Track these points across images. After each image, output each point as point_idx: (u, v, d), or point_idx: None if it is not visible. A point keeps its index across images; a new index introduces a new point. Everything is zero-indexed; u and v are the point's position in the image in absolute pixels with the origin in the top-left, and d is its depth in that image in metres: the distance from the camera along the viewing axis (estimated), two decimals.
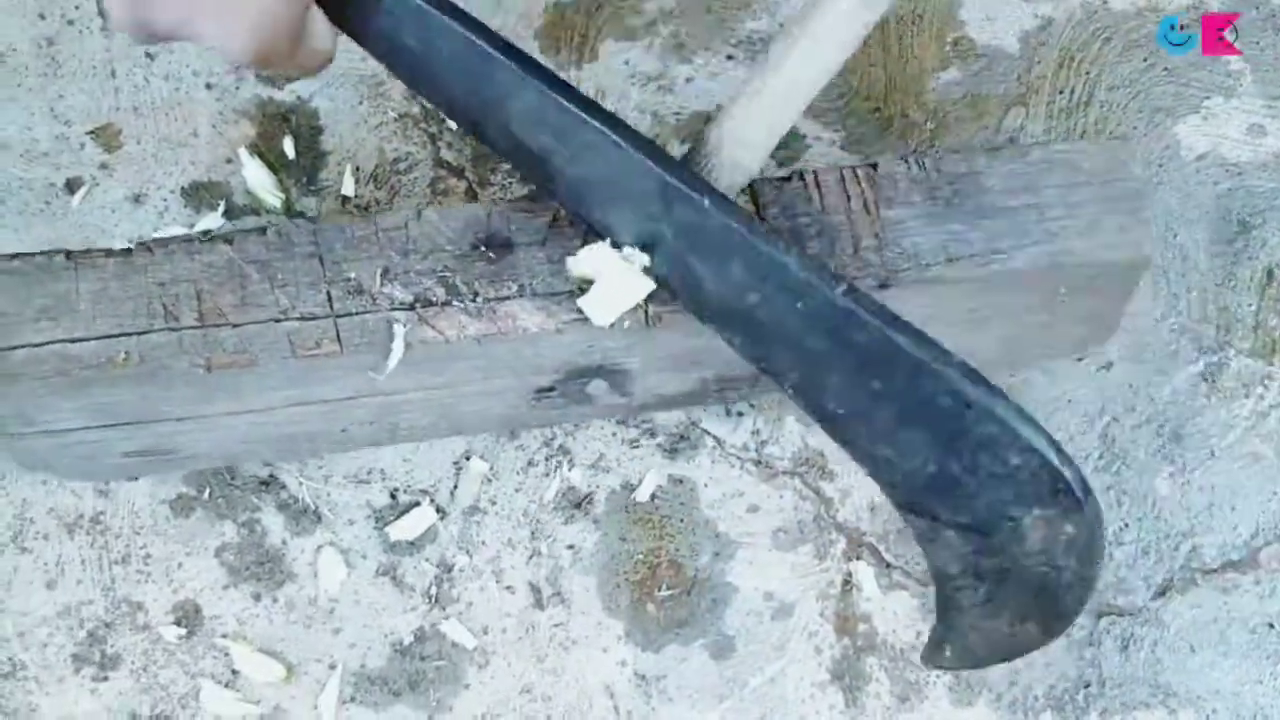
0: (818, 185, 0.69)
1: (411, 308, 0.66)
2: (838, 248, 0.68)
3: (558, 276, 0.66)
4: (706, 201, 0.58)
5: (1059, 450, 0.54)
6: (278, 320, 0.66)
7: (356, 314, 0.66)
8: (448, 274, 0.66)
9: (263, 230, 0.67)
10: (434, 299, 0.66)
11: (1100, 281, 0.72)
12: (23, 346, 0.65)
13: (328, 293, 0.66)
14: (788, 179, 0.68)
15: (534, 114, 0.58)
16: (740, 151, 0.64)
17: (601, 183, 0.59)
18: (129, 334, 0.65)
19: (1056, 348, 0.83)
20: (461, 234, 0.67)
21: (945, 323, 0.73)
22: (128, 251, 0.66)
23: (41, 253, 0.66)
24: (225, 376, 0.66)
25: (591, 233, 0.64)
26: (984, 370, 0.82)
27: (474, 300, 0.66)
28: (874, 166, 0.69)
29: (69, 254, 0.66)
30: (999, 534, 0.57)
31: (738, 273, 0.58)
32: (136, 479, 0.82)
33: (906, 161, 0.69)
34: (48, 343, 0.65)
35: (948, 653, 0.67)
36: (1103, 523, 0.56)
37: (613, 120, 0.58)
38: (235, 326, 0.65)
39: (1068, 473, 0.54)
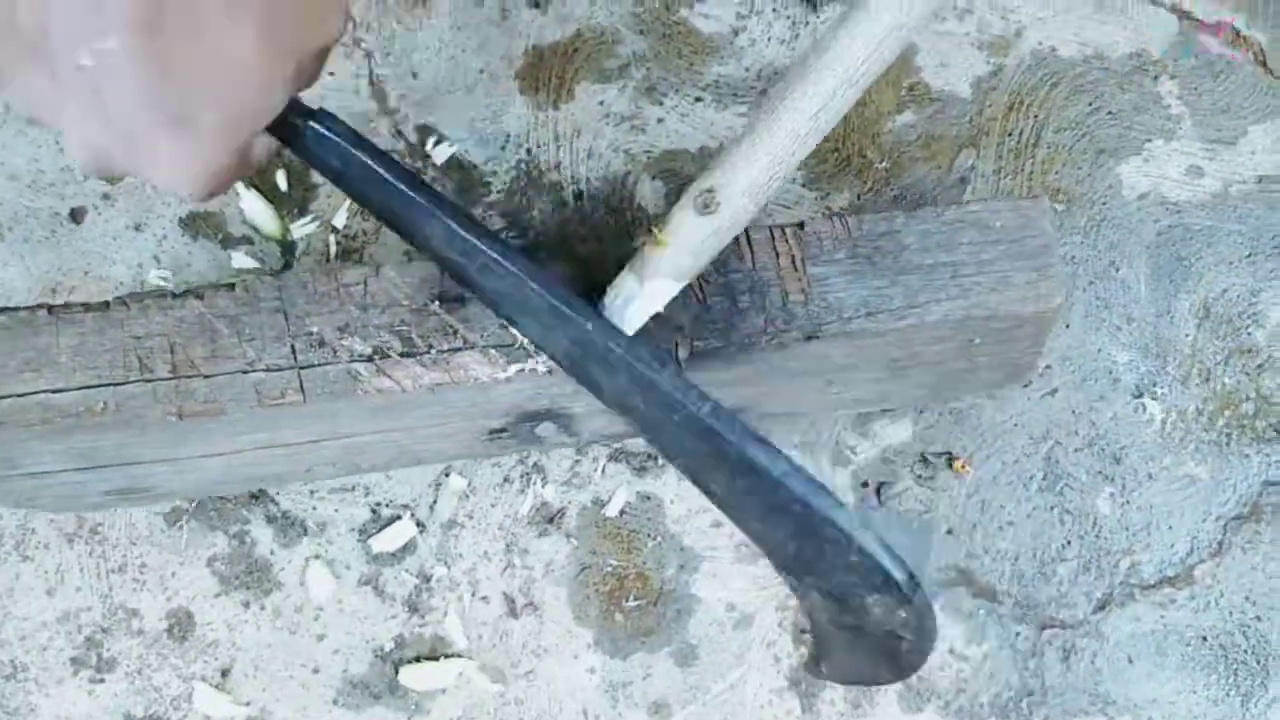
0: (749, 243, 0.73)
1: (370, 359, 0.70)
2: (767, 301, 0.72)
3: (506, 330, 0.71)
4: (589, 325, 0.64)
5: (891, 554, 0.63)
6: (245, 372, 0.70)
7: (319, 365, 0.70)
8: (404, 328, 0.70)
9: (231, 286, 0.71)
10: (391, 351, 0.70)
11: (1012, 332, 0.76)
12: (7, 396, 0.69)
13: (292, 345, 0.70)
14: None
15: (443, 238, 0.63)
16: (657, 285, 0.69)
17: (505, 296, 0.66)
18: (107, 384, 0.69)
19: (975, 390, 0.88)
20: (417, 289, 0.71)
21: (870, 370, 0.79)
22: (105, 305, 0.70)
23: (25, 307, 0.70)
24: (196, 424, 0.70)
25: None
26: (910, 405, 0.87)
27: (428, 352, 0.70)
28: (800, 226, 0.74)
29: (50, 309, 0.70)
30: (850, 605, 0.67)
31: (622, 383, 0.66)
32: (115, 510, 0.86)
33: (831, 220, 0.74)
34: (31, 393, 0.69)
35: (823, 669, 0.79)
36: (931, 610, 0.65)
37: (505, 247, 0.64)
38: (206, 377, 0.69)
39: (897, 574, 0.63)
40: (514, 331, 0.70)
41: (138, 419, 0.69)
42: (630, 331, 0.67)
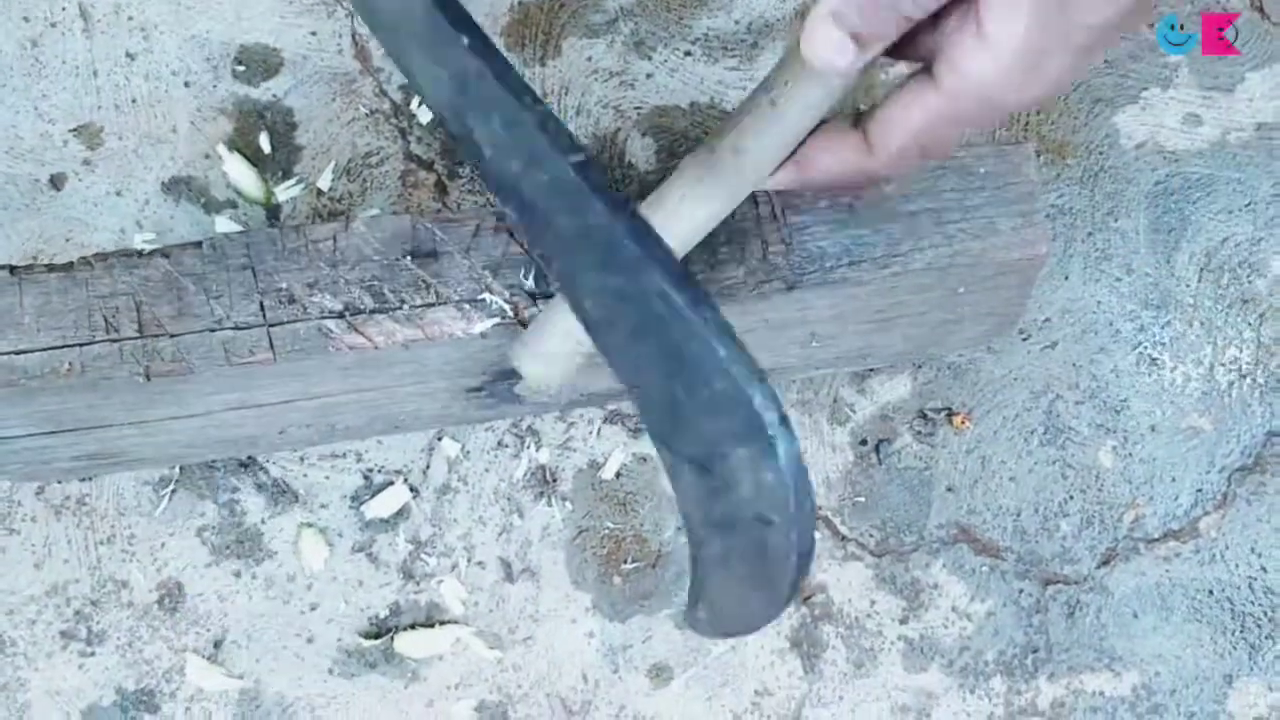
0: None
1: (341, 315, 0.69)
2: (747, 251, 0.71)
3: (480, 284, 0.69)
4: (465, 40, 0.53)
5: (761, 387, 0.50)
6: (213, 330, 0.68)
7: (288, 322, 0.69)
8: (375, 283, 0.69)
9: (198, 244, 0.69)
10: (362, 307, 0.69)
11: (997, 280, 0.75)
12: None
13: (261, 303, 0.69)
14: None
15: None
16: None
17: (386, 14, 0.57)
18: (72, 345, 0.68)
19: (962, 344, 0.86)
20: (389, 245, 0.69)
21: (854, 322, 0.77)
22: (69, 266, 0.69)
23: None
24: (165, 384, 0.69)
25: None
26: (896, 362, 0.85)
27: (400, 308, 0.69)
28: None
29: (12, 269, 0.68)
30: (717, 472, 0.54)
31: (494, 127, 0.54)
32: (88, 480, 0.84)
33: None
34: None
35: (700, 615, 0.64)
36: (806, 478, 0.52)
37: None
38: (173, 336, 0.68)
39: (757, 401, 0.50)
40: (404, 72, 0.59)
41: (104, 380, 0.68)
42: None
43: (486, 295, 0.69)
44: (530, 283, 0.70)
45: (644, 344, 0.53)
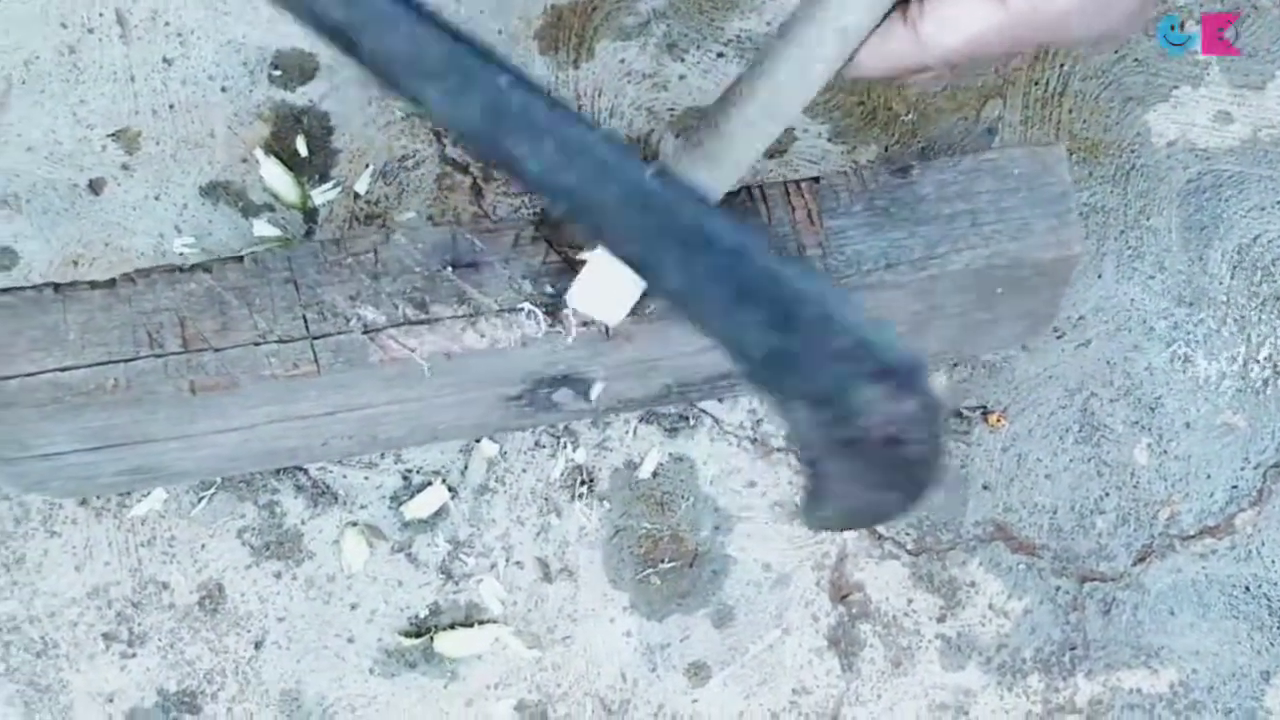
0: (764, 199, 0.72)
1: (384, 328, 0.69)
2: (783, 256, 0.71)
3: (520, 293, 0.69)
4: (502, 80, 0.53)
5: (883, 332, 0.54)
6: (257, 344, 0.69)
7: (331, 335, 0.69)
8: (417, 294, 0.69)
9: (239, 258, 0.70)
10: (405, 319, 0.69)
11: (1033, 280, 0.75)
12: (17, 376, 0.68)
13: (303, 316, 0.69)
14: (735, 194, 0.71)
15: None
16: None
17: (401, 55, 0.54)
18: (117, 361, 0.68)
19: (995, 344, 0.86)
20: (430, 256, 0.70)
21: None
22: (112, 282, 0.69)
23: (31, 286, 0.69)
24: (209, 398, 0.69)
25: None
26: (932, 362, 0.85)
27: (442, 319, 0.69)
28: (816, 180, 0.73)
29: (57, 286, 0.69)
30: (842, 407, 0.57)
31: (549, 151, 0.55)
32: (130, 493, 0.85)
33: (847, 173, 0.73)
34: (40, 372, 0.68)
35: (823, 514, 0.68)
36: (938, 401, 0.56)
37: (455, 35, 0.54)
38: (217, 351, 0.68)
39: (890, 356, 0.54)
40: (411, 103, 0.57)
41: (150, 395, 0.68)
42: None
43: (526, 304, 0.69)
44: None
45: (749, 312, 0.56)
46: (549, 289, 0.70)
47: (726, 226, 0.55)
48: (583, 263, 0.69)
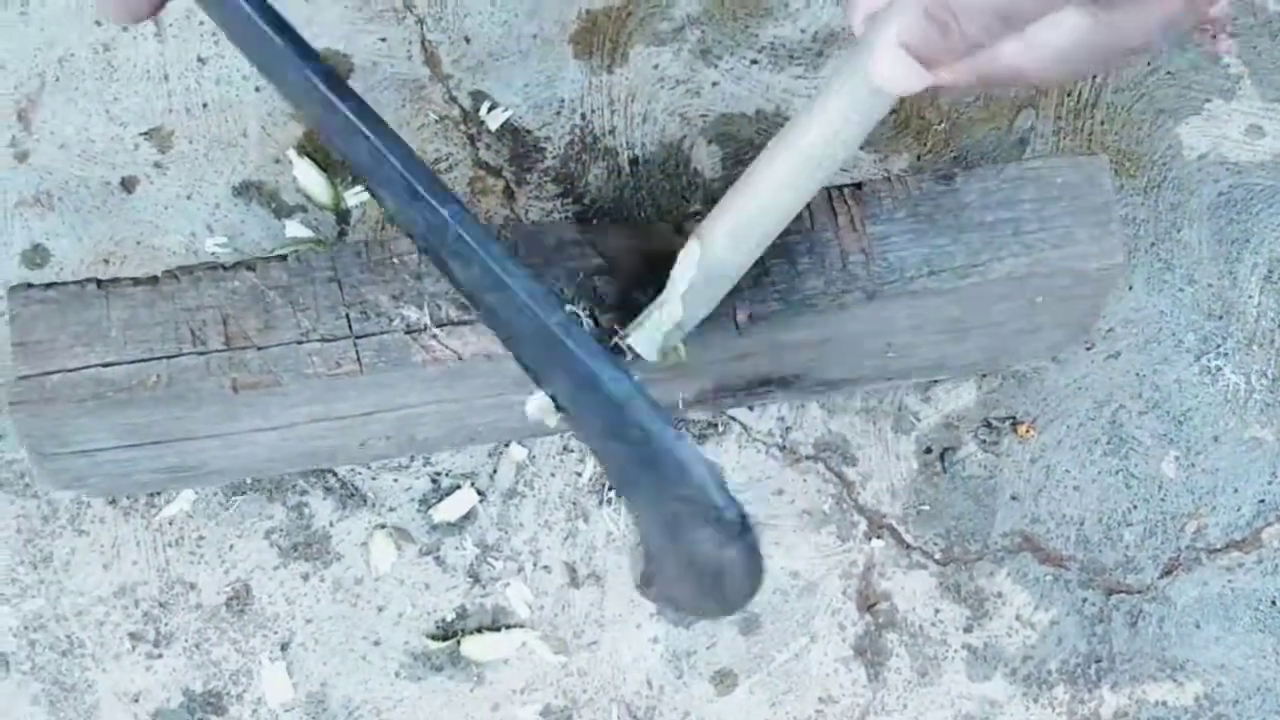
0: (806, 205, 0.72)
1: (426, 327, 0.69)
2: (826, 262, 0.71)
3: (560, 296, 0.69)
4: (445, 211, 0.59)
5: (724, 492, 0.60)
6: (300, 342, 0.69)
7: (375, 334, 0.69)
8: (459, 295, 0.69)
9: (283, 257, 0.70)
10: (447, 319, 0.69)
11: (1075, 289, 0.75)
12: (58, 371, 0.68)
13: (347, 315, 0.69)
14: None
15: (300, 87, 0.59)
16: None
17: (364, 164, 0.60)
18: (159, 358, 0.68)
19: (1033, 353, 0.86)
20: None
21: (931, 333, 0.77)
22: (155, 279, 0.69)
23: (73, 282, 0.69)
24: (251, 396, 0.69)
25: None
26: (969, 372, 0.86)
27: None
28: (859, 186, 0.73)
29: (100, 283, 0.69)
30: (680, 534, 0.63)
31: (474, 276, 0.60)
32: (160, 493, 0.85)
33: (890, 180, 0.73)
34: (82, 367, 0.68)
35: (653, 590, 0.73)
36: (759, 553, 0.62)
37: (365, 112, 0.59)
38: (260, 349, 0.69)
39: (728, 512, 0.60)
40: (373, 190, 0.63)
41: (192, 392, 0.68)
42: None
43: (567, 307, 0.69)
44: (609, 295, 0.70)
45: (617, 450, 0.63)
46: (589, 292, 0.70)
47: (615, 376, 0.59)
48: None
